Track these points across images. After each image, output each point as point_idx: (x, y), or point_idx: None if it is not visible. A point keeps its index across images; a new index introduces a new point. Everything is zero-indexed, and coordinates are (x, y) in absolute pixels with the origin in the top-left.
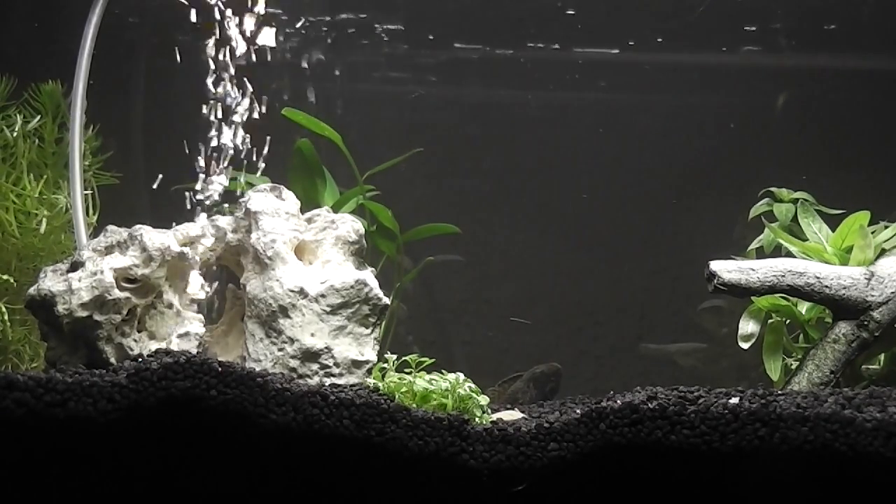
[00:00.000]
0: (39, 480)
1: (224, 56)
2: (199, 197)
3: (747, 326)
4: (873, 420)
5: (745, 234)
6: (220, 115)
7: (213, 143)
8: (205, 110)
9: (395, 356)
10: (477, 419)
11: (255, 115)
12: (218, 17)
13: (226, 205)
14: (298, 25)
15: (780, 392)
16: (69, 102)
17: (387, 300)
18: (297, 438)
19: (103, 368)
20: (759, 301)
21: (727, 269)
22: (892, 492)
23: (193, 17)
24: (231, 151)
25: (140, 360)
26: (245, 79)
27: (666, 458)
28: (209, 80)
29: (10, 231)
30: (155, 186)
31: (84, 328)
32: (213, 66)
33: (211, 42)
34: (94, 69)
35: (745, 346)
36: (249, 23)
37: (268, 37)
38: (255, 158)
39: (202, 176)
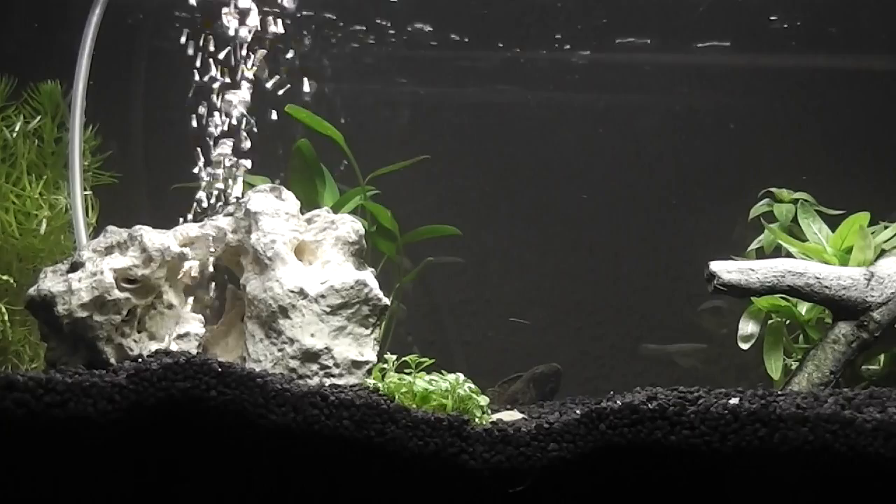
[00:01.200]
0: (39, 481)
1: (224, 56)
2: (199, 197)
3: (747, 327)
4: (873, 421)
5: (745, 235)
6: (220, 114)
7: (214, 142)
8: (204, 111)
9: (394, 356)
10: (477, 420)
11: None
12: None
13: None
14: (299, 25)
15: (779, 392)
16: (68, 102)
17: (387, 301)
18: (297, 439)
19: (103, 369)
20: (758, 301)
21: (727, 269)
22: (892, 492)
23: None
24: (231, 151)
25: (140, 360)
26: (247, 76)
27: (666, 458)
28: (209, 80)
29: (11, 232)
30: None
31: (84, 329)
32: (213, 67)
33: (212, 41)
34: (93, 69)
35: (744, 346)
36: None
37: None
38: (255, 159)
39: (203, 176)
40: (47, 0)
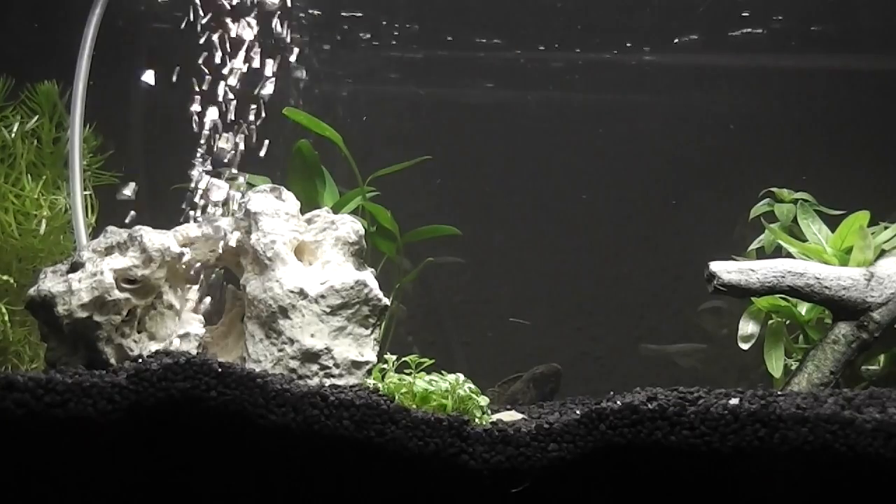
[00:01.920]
0: (39, 481)
1: (224, 56)
2: (198, 197)
3: (747, 327)
4: (873, 421)
5: (746, 235)
6: (220, 114)
7: (213, 142)
8: (203, 111)
9: (394, 357)
10: (477, 420)
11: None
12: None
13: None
14: (299, 22)
15: (779, 393)
16: (66, 102)
17: (386, 301)
18: (297, 439)
19: (103, 369)
20: (758, 302)
21: (727, 269)
22: (892, 492)
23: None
24: (231, 151)
25: (140, 360)
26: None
27: (666, 458)
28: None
29: (10, 232)
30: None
31: (84, 329)
32: (213, 66)
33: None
34: (93, 69)
35: (744, 346)
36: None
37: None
38: (255, 158)
39: (202, 176)
40: (47, 0)
